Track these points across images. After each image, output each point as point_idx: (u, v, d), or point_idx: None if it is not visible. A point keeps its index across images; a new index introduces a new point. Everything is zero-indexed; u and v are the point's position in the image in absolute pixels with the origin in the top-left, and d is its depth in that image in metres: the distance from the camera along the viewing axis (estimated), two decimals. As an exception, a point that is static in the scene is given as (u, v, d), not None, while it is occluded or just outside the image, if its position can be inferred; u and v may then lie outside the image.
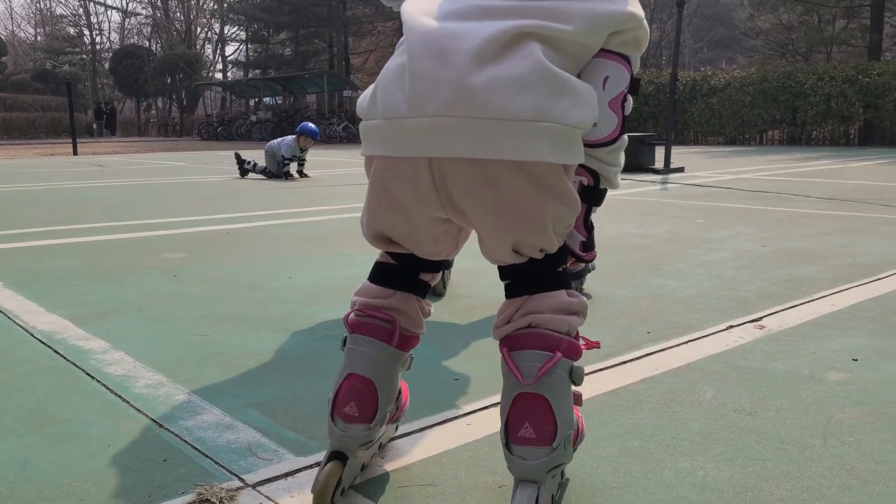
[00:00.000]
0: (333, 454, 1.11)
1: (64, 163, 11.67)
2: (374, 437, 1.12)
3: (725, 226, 4.02)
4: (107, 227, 4.14)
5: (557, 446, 1.00)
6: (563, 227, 1.04)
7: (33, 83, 36.38)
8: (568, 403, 1.03)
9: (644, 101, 18.42)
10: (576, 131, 0.97)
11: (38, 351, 1.85)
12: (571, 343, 1.05)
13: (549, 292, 1.05)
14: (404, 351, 1.17)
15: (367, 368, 1.11)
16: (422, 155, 0.96)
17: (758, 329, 2.04)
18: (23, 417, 1.43)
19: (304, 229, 4.02)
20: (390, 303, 1.14)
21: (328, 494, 1.08)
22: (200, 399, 1.53)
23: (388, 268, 1.16)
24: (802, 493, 1.15)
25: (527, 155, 0.92)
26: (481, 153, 0.92)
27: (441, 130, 0.93)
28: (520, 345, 1.03)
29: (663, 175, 7.76)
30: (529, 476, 1.00)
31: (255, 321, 2.13)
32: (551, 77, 0.93)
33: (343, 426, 1.10)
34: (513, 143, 0.92)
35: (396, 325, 1.13)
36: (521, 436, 1.01)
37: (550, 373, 1.01)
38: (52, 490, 1.15)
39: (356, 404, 1.10)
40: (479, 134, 0.92)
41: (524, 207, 0.98)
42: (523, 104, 0.91)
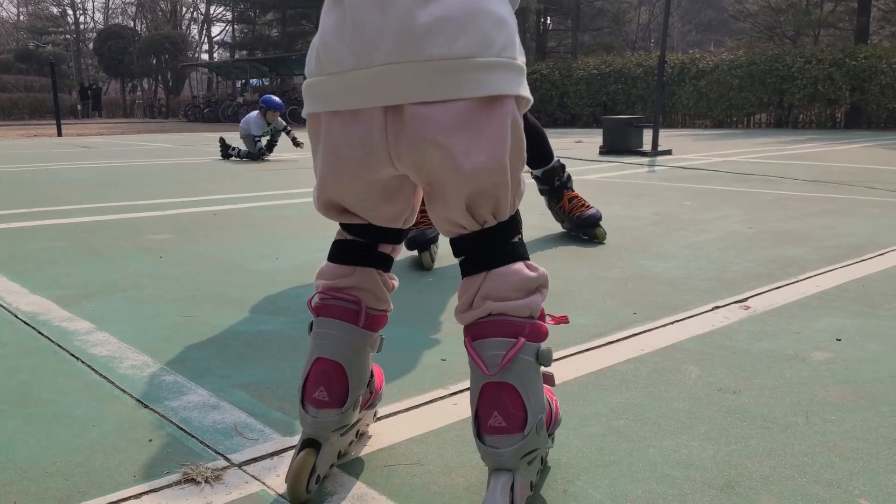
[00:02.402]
0: (306, 442, 1.09)
1: (48, 144, 11.54)
2: (348, 421, 1.10)
3: (712, 208, 4.03)
4: (91, 208, 4.10)
5: (529, 432, 0.98)
6: (515, 181, 1.01)
7: (16, 63, 35.89)
8: (536, 388, 1.00)
9: (633, 84, 18.42)
10: (517, 64, 0.97)
11: (22, 332, 1.83)
12: (535, 325, 1.01)
13: (506, 266, 1.01)
14: (372, 331, 1.14)
15: (335, 351, 1.09)
16: (373, 105, 0.92)
17: (743, 309, 2.05)
18: (6, 398, 1.42)
19: (291, 211, 4.00)
20: (352, 281, 1.11)
21: (302, 483, 1.05)
22: (186, 379, 1.52)
23: (345, 244, 1.12)
24: (785, 470, 1.16)
25: (476, 90, 0.92)
26: (432, 95, 0.91)
27: (391, 78, 0.91)
28: (482, 334, 1.00)
29: (651, 157, 7.77)
30: (503, 465, 0.98)
31: (241, 302, 2.12)
32: (488, 13, 0.94)
33: (314, 412, 1.07)
34: (463, 81, 0.91)
35: (361, 305, 1.10)
36: (491, 425, 0.98)
37: (515, 359, 0.98)
38: (37, 470, 1.15)
39: (326, 389, 1.07)
40: (429, 76, 0.90)
41: (481, 134, 0.94)
42: (467, 42, 0.91)
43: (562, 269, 2.55)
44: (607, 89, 18.85)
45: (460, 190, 0.96)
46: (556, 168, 3.01)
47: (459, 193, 0.96)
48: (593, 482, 1.12)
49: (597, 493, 1.09)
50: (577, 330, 1.86)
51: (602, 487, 1.11)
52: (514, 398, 0.98)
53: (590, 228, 2.99)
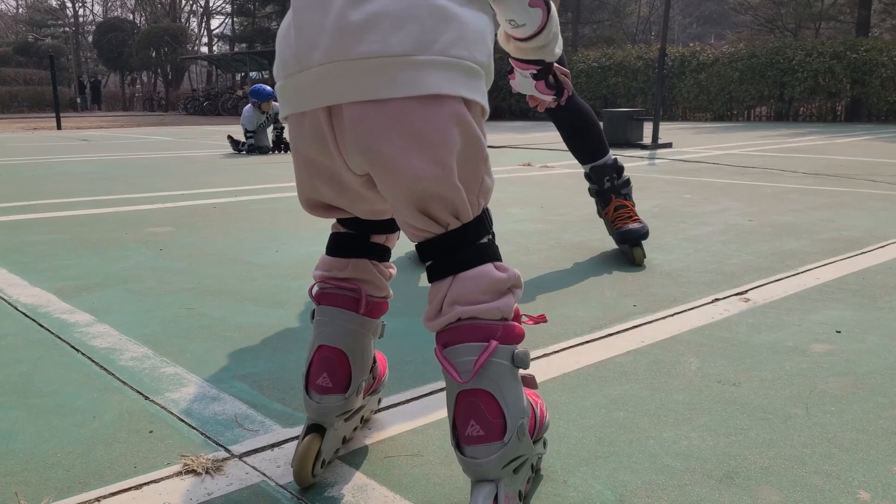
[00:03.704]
0: (311, 427, 1.09)
1: (47, 137, 11.53)
2: (351, 406, 1.11)
3: (712, 200, 4.03)
4: (91, 201, 4.10)
5: (510, 439, 0.93)
6: (473, 182, 0.96)
7: (15, 56, 35.80)
8: (514, 392, 0.95)
9: (633, 77, 18.38)
10: (467, 64, 0.91)
11: (23, 324, 1.83)
12: (507, 327, 0.96)
13: (474, 269, 0.95)
14: (373, 318, 1.14)
15: (337, 338, 1.09)
16: (314, 107, 0.91)
17: (743, 302, 2.05)
18: (7, 390, 1.43)
19: (290, 204, 4.00)
20: (348, 273, 1.11)
21: (308, 467, 1.06)
22: (186, 371, 1.53)
23: (339, 236, 1.12)
24: (784, 461, 1.16)
25: (412, 89, 0.87)
26: (368, 94, 0.88)
27: (327, 78, 0.89)
28: (452, 340, 0.94)
29: (651, 150, 7.76)
30: (484, 475, 0.93)
31: (241, 295, 2.12)
32: (433, 9, 0.89)
33: (318, 398, 1.08)
34: (398, 80, 0.87)
35: (361, 293, 1.10)
36: (468, 435, 0.93)
37: (488, 364, 0.93)
38: (38, 461, 1.15)
39: (329, 375, 1.08)
40: (364, 74, 0.87)
41: (420, 140, 0.89)
42: (403, 39, 0.87)
43: (561, 262, 2.55)
44: (608, 82, 18.80)
45: (406, 194, 0.92)
46: (608, 166, 2.56)
47: (406, 197, 0.92)
48: (593, 473, 1.13)
49: (597, 483, 1.10)
50: (577, 322, 1.86)
51: (602, 478, 1.11)
52: (491, 405, 0.93)
53: (627, 245, 2.53)
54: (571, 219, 3.47)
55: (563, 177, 5.30)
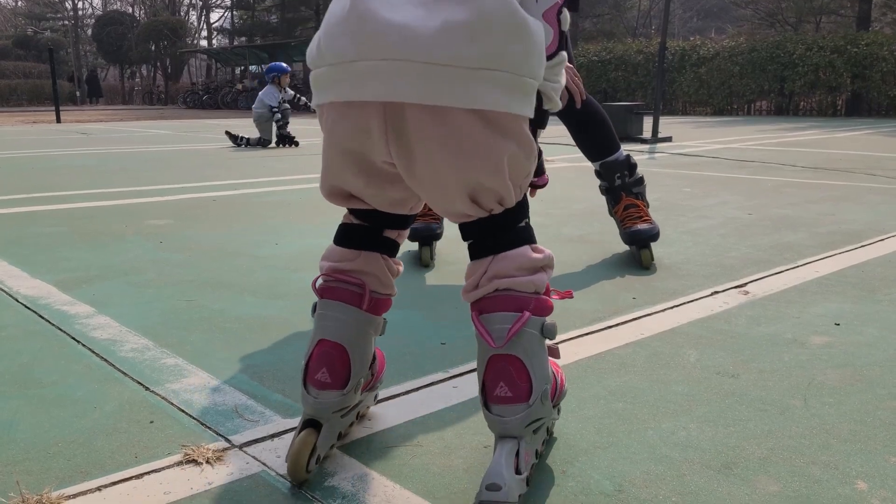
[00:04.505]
0: (307, 422, 1.09)
1: (47, 130, 11.51)
2: (348, 403, 1.11)
3: (712, 194, 4.03)
4: (91, 193, 4.10)
5: (534, 402, 1.01)
6: (521, 177, 1.02)
7: (14, 49, 35.72)
8: (541, 360, 1.04)
9: (633, 71, 18.36)
10: (529, 82, 0.95)
11: (23, 315, 1.84)
12: (540, 300, 1.04)
13: (512, 250, 1.03)
14: (376, 315, 1.14)
15: (339, 334, 1.09)
16: (373, 99, 0.92)
17: (742, 294, 2.05)
18: (8, 380, 1.43)
19: (290, 197, 4.00)
20: (357, 265, 1.11)
21: (303, 462, 1.05)
22: (186, 362, 1.53)
23: (351, 227, 1.13)
24: (783, 452, 1.16)
25: (477, 103, 0.90)
26: (433, 99, 0.89)
27: (393, 74, 0.89)
28: (488, 308, 1.02)
29: (651, 144, 7.76)
30: (508, 432, 1.02)
31: (241, 287, 2.13)
32: (507, 24, 0.90)
33: (316, 393, 1.08)
34: (463, 91, 0.89)
35: (366, 288, 1.11)
36: (497, 395, 1.02)
37: (520, 332, 1.01)
38: (39, 450, 1.15)
39: (328, 370, 1.08)
40: (432, 79, 0.89)
41: (480, 149, 0.94)
42: (476, 51, 0.89)
43: (561, 254, 2.55)
44: (608, 76, 18.78)
45: (460, 186, 0.98)
46: (619, 163, 2.48)
47: (460, 188, 0.99)
48: (592, 463, 1.13)
49: (595, 473, 1.10)
50: (577, 314, 1.87)
51: (601, 468, 1.11)
52: (520, 369, 1.01)
53: (635, 246, 2.42)
54: (571, 212, 3.47)
55: (564, 171, 5.30)
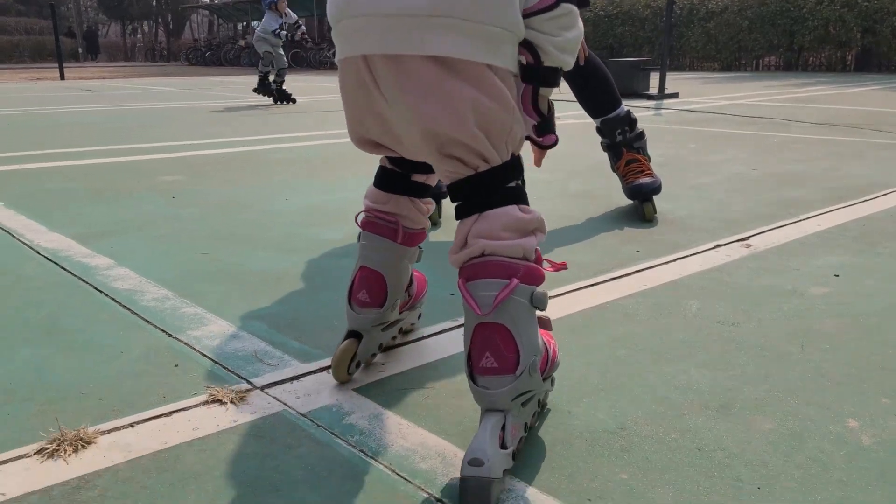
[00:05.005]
0: (350, 333, 1.26)
1: (52, 87, 11.48)
2: (386, 319, 1.27)
3: (718, 150, 4.04)
4: (101, 150, 4.13)
5: (521, 374, 0.98)
6: (499, 131, 0.99)
7: (15, 5, 35.28)
8: (530, 330, 1.00)
9: (640, 26, 18.11)
10: (490, 29, 0.95)
11: (45, 267, 1.90)
12: (529, 268, 1.00)
13: (498, 208, 1.00)
14: (409, 246, 1.26)
15: (376, 262, 1.24)
16: (350, 54, 1.00)
17: (745, 248, 2.10)
18: (36, 328, 1.49)
19: (299, 154, 4.02)
20: (389, 207, 1.23)
21: (344, 366, 1.24)
22: (206, 311, 1.59)
23: (385, 172, 1.23)
24: (778, 393, 1.22)
25: (427, 49, 0.94)
26: (390, 48, 0.95)
27: (362, 29, 0.98)
28: (475, 275, 1.00)
29: (657, 101, 7.72)
30: (493, 405, 0.98)
31: (254, 241, 2.18)
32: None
33: (357, 310, 1.24)
34: (419, 38, 0.93)
35: (399, 224, 1.23)
36: (482, 366, 0.99)
37: (507, 300, 0.97)
38: (72, 392, 1.22)
39: (367, 292, 1.24)
40: (391, 30, 0.95)
41: (437, 95, 0.96)
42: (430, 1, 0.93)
43: (566, 210, 2.59)
44: (614, 31, 18.53)
45: (423, 137, 1.00)
46: (619, 119, 2.48)
47: (424, 140, 1.00)
48: (596, 404, 1.19)
49: (599, 413, 1.16)
50: (581, 267, 1.92)
51: (604, 409, 1.17)
52: (507, 339, 0.98)
53: (638, 200, 2.47)
54: (576, 169, 3.50)
55: (569, 128, 5.30)
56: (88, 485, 0.97)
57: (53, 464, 1.01)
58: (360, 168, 3.47)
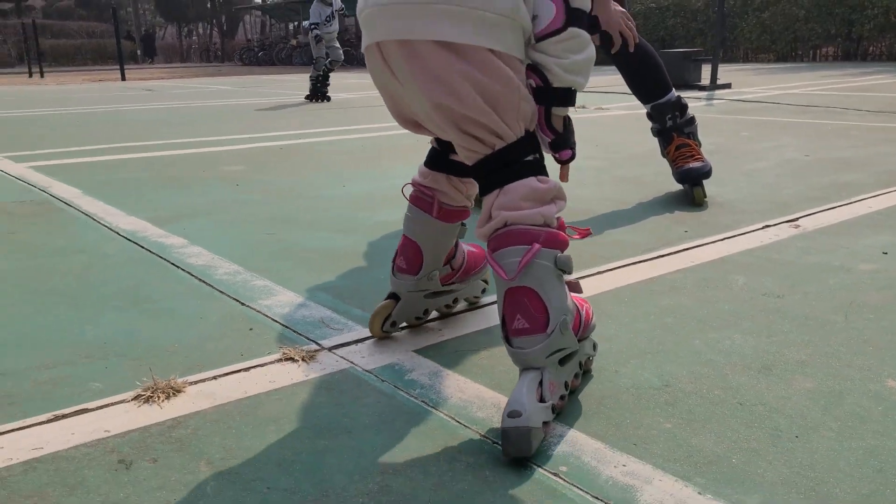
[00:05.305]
0: (390, 294, 1.38)
1: (114, 87, 11.91)
2: (423, 287, 1.36)
3: (771, 138, 4.02)
4: (166, 143, 4.33)
5: (552, 332, 1.04)
6: (508, 109, 1.05)
7: (77, 10, 36.54)
8: (558, 291, 1.05)
9: (692, 18, 17.82)
10: (484, 15, 1.01)
11: (125, 246, 2.04)
12: (551, 233, 1.06)
13: (518, 181, 1.07)
14: (448, 222, 1.33)
15: (414, 232, 1.34)
16: (370, 42, 1.09)
17: (794, 228, 2.12)
18: (123, 298, 1.63)
19: (353, 145, 4.15)
20: (429, 181, 1.32)
21: (378, 322, 1.36)
22: (274, 284, 1.70)
23: (431, 150, 1.33)
24: (820, 357, 1.27)
25: (433, 34, 1.01)
26: (399, 34, 1.04)
27: (372, 18, 1.07)
28: (500, 245, 1.06)
29: (709, 91, 7.64)
30: (529, 363, 1.04)
31: (315, 223, 2.29)
32: None
33: (396, 274, 1.36)
34: (422, 25, 1.02)
35: (434, 198, 1.31)
36: (515, 328, 1.05)
37: (531, 264, 1.03)
38: (160, 350, 1.34)
39: (404, 259, 1.35)
40: (399, 17, 1.03)
41: (444, 76, 1.03)
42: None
43: (615, 194, 2.64)
44: (665, 24, 18.28)
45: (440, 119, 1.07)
46: (669, 104, 2.52)
47: (443, 121, 1.07)
48: (642, 365, 1.26)
49: (645, 373, 1.23)
50: (630, 245, 1.98)
51: (650, 369, 1.24)
52: (535, 300, 1.04)
53: (688, 184, 2.49)
54: (626, 156, 3.53)
55: (618, 118, 5.32)
56: (181, 425, 1.08)
57: (149, 408, 1.13)
58: (412, 157, 3.57)
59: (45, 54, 23.06)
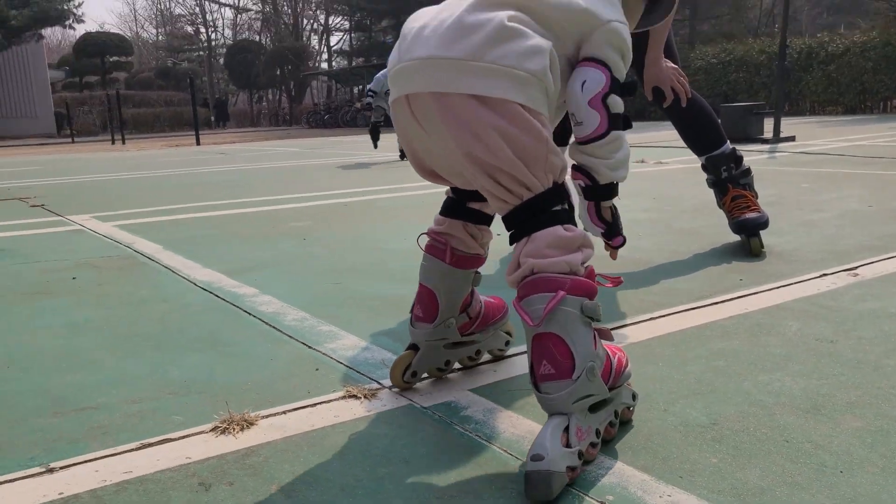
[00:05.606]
0: (410, 345, 1.40)
1: (190, 152, 12.55)
2: (440, 336, 1.38)
3: (833, 189, 3.99)
4: (238, 202, 4.57)
5: (578, 377, 1.05)
6: (536, 160, 1.10)
7: (157, 80, 38.76)
8: (584, 337, 1.07)
9: (755, 72, 17.76)
10: (515, 72, 1.07)
11: (203, 295, 2.19)
12: (577, 281, 1.08)
13: (544, 230, 1.10)
14: (461, 268, 1.35)
15: (428, 279, 1.37)
16: (399, 95, 1.15)
17: (852, 276, 2.12)
18: (202, 342, 1.75)
19: (411, 201, 4.30)
20: (444, 228, 1.35)
21: (398, 373, 1.38)
22: (339, 329, 1.80)
23: (447, 199, 1.37)
24: (870, 398, 1.29)
25: (467, 88, 1.07)
26: (435, 87, 1.09)
27: (406, 71, 1.13)
28: (527, 293, 1.08)
29: (772, 144, 7.59)
30: (554, 409, 1.06)
31: (377, 273, 2.41)
32: (495, 27, 1.08)
33: (414, 324, 1.39)
34: (457, 78, 1.08)
35: (447, 245, 1.34)
36: (542, 373, 1.07)
37: (556, 310, 1.05)
38: (235, 388, 1.45)
39: (421, 307, 1.38)
40: (436, 70, 1.09)
41: (475, 127, 1.08)
42: (462, 47, 1.08)
43: (670, 244, 2.68)
44: (727, 78, 18.26)
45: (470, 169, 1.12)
46: (724, 156, 2.54)
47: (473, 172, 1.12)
48: (691, 405, 1.30)
49: (693, 412, 1.27)
50: (683, 293, 2.01)
51: (699, 408, 1.28)
52: (560, 346, 1.06)
53: (744, 234, 2.52)
54: (683, 208, 3.57)
55: (676, 172, 5.35)
56: (254, 453, 1.17)
57: (225, 438, 1.23)
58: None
59: (126, 122, 24.46)
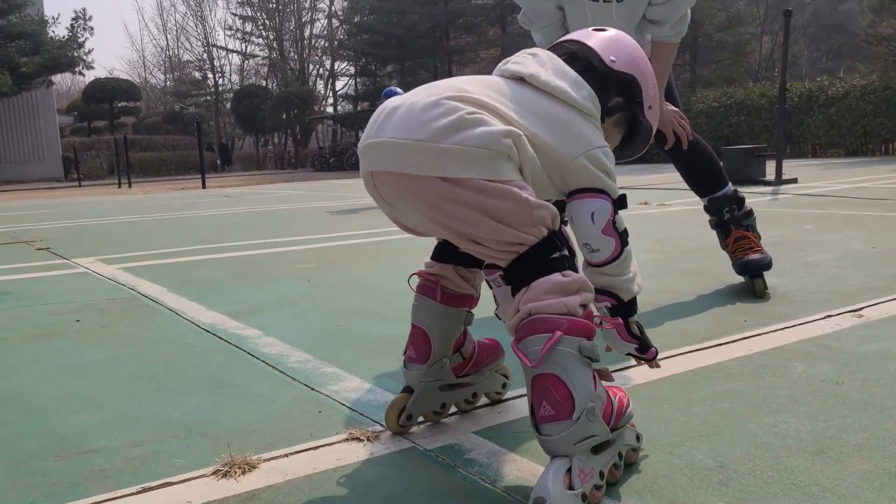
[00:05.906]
0: (404, 388, 1.40)
1: (196, 195, 12.64)
2: (434, 377, 1.38)
3: (835, 230, 4.00)
4: (243, 244, 4.59)
5: (578, 418, 1.05)
6: (516, 219, 1.10)
7: (164, 125, 39.27)
8: (583, 377, 1.07)
9: (756, 115, 17.91)
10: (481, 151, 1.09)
11: (206, 337, 2.19)
12: (574, 321, 1.08)
13: (542, 278, 1.11)
14: (453, 307, 1.36)
15: (421, 319, 1.37)
16: (365, 170, 1.19)
17: (856, 318, 2.12)
18: (205, 383, 1.75)
19: (416, 244, 4.30)
20: (434, 270, 1.37)
21: (393, 417, 1.38)
22: (342, 371, 1.80)
23: (437, 245, 1.39)
24: (877, 440, 1.27)
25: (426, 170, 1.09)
26: (393, 167, 1.12)
27: (374, 149, 1.15)
28: (524, 334, 1.09)
29: (774, 186, 7.63)
30: (556, 451, 1.06)
31: (381, 314, 2.41)
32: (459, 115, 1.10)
33: (407, 365, 1.39)
34: (416, 161, 1.10)
35: (437, 284, 1.35)
36: (542, 415, 1.07)
37: (553, 351, 1.05)
38: (237, 430, 1.44)
39: (413, 348, 1.38)
40: (396, 151, 1.11)
41: (447, 205, 1.10)
42: (422, 132, 1.10)
43: (675, 285, 2.68)
44: (729, 122, 18.41)
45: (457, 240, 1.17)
46: (726, 198, 2.56)
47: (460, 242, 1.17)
48: (697, 447, 1.28)
49: (699, 454, 1.25)
50: (689, 334, 2.01)
51: (704, 451, 1.27)
52: (559, 387, 1.06)
53: (748, 276, 2.53)
54: (686, 249, 3.57)
55: (679, 213, 5.37)
56: (255, 497, 1.16)
57: (227, 481, 1.22)
58: (476, 254, 3.69)
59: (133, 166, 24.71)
